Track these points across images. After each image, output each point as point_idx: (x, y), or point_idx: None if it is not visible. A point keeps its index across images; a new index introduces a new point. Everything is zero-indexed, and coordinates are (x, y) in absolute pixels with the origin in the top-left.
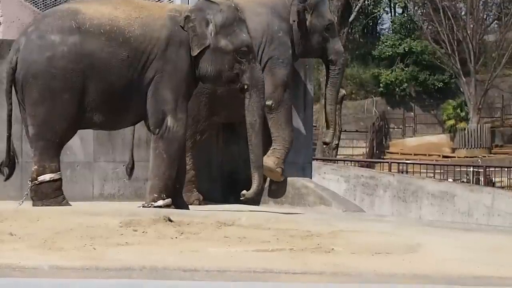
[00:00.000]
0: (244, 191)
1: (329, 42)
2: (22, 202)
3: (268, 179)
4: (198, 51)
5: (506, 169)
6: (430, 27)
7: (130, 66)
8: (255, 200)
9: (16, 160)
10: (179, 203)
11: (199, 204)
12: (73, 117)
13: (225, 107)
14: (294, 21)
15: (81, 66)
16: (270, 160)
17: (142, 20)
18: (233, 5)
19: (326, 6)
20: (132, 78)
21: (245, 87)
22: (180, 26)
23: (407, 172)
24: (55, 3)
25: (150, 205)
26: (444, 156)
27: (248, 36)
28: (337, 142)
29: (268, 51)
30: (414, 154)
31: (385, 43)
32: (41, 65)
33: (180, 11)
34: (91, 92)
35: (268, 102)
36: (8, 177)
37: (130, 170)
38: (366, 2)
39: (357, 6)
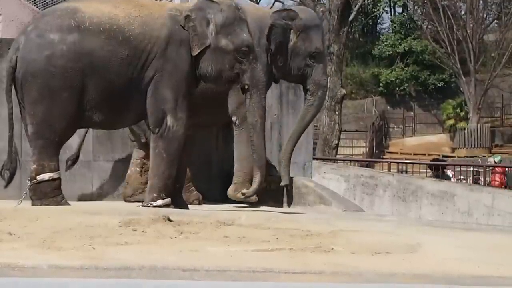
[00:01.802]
0: (244, 190)
1: (312, 70)
2: (21, 201)
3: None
4: (199, 50)
5: (506, 169)
6: (430, 26)
7: (130, 65)
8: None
9: (18, 162)
10: (179, 203)
11: (199, 204)
12: (72, 116)
13: (197, 111)
14: (266, 34)
15: (80, 65)
16: (229, 189)
17: (142, 19)
18: (233, 4)
19: (318, 33)
20: (132, 77)
21: (246, 87)
22: (181, 25)
23: (406, 171)
24: (54, 2)
25: (149, 205)
26: (444, 156)
27: (249, 36)
28: (337, 142)
29: None
30: (414, 154)
31: (385, 43)
32: (40, 64)
33: (181, 10)
34: (91, 91)
35: (233, 118)
36: (9, 182)
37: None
38: (365, 1)
39: (357, 6)
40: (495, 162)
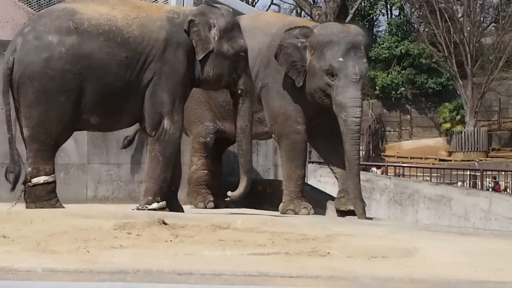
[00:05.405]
0: (229, 192)
1: (332, 90)
2: (15, 204)
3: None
4: (203, 55)
5: (503, 172)
6: (427, 29)
7: (128, 67)
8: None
9: (22, 164)
10: (174, 206)
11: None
12: (69, 119)
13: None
14: (275, 55)
15: (78, 67)
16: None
17: (140, 21)
18: (230, 9)
19: (334, 48)
20: (130, 79)
21: (240, 92)
22: (184, 30)
23: (403, 175)
24: (49, 3)
25: (144, 208)
26: (440, 160)
27: (245, 42)
28: None
29: (263, 76)
30: (411, 157)
31: (382, 45)
32: (38, 66)
33: (178, 12)
34: (89, 94)
35: (274, 136)
36: (14, 184)
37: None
38: (362, 3)
39: (354, 8)
40: None
